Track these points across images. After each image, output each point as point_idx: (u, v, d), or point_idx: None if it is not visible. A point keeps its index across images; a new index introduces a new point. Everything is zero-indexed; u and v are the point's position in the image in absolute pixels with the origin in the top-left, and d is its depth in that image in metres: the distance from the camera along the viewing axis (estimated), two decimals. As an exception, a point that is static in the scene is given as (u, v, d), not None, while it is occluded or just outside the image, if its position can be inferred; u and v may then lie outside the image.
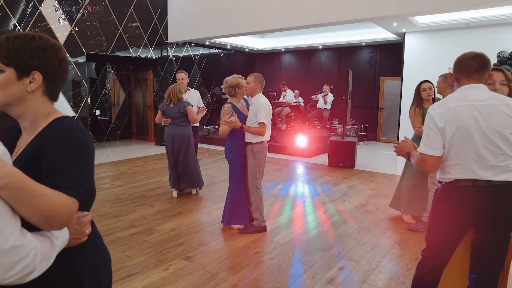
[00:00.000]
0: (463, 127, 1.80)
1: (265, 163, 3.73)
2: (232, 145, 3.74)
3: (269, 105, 3.63)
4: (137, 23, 9.14)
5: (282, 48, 12.27)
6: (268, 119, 3.55)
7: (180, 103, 4.67)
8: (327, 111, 9.92)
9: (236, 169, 3.77)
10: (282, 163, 7.52)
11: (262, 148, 3.63)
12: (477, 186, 1.81)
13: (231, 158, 3.77)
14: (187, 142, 4.79)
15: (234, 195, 3.78)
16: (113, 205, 4.59)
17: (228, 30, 8.69)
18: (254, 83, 3.63)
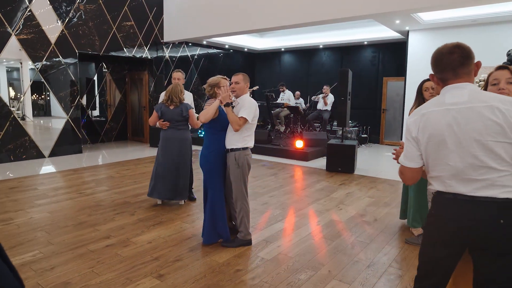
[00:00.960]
0: (435, 136, 1.57)
1: (249, 171, 3.40)
2: (211, 151, 3.40)
3: (257, 106, 3.31)
4: (131, 22, 8.87)
5: (282, 47, 11.94)
6: (251, 119, 3.23)
7: (182, 105, 4.32)
8: (327, 113, 9.57)
9: (215, 180, 3.42)
10: (278, 167, 7.18)
11: (246, 155, 3.30)
12: (459, 200, 1.55)
13: (209, 167, 3.42)
14: (187, 147, 4.44)
15: (214, 208, 3.43)
16: (92, 213, 4.29)
17: (225, 29, 8.38)
18: (243, 82, 3.33)
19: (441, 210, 1.61)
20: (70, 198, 4.84)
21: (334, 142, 6.93)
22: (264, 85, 12.23)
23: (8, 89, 7.43)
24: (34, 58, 7.20)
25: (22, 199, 4.75)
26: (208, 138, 3.44)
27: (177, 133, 4.39)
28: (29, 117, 7.61)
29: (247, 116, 3.16)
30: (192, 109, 4.42)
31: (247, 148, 3.30)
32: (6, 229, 3.75)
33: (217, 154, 3.38)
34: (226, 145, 3.33)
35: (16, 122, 7.07)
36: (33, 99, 7.73)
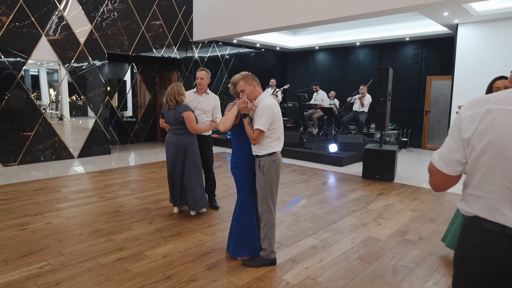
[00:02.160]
0: (499, 144, 1.14)
1: (279, 179, 2.99)
2: (238, 157, 3.04)
3: (274, 107, 2.85)
4: (160, 21, 8.73)
5: (316, 45, 11.40)
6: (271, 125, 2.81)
7: (177, 107, 3.89)
8: (364, 114, 8.93)
9: (243, 188, 3.06)
10: (310, 172, 6.69)
11: (273, 162, 2.89)
12: (507, 236, 1.12)
13: (236, 173, 3.07)
14: (182, 154, 4.01)
15: (241, 219, 3.07)
16: (110, 220, 4.06)
17: (256, 26, 8.02)
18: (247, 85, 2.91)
19: (479, 243, 1.19)
20: (90, 203, 4.66)
21: (371, 146, 6.34)
22: (296, 85, 11.75)
23: (49, 90, 7.51)
24: (63, 59, 7.21)
25: (43, 202, 4.63)
26: (234, 142, 3.09)
27: (173, 138, 4.03)
28: (67, 117, 7.66)
29: (262, 126, 2.76)
30: (188, 111, 3.88)
31: (273, 154, 2.89)
32: (20, 235, 3.59)
33: (245, 160, 3.02)
34: (252, 151, 2.96)
35: (46, 122, 7.10)
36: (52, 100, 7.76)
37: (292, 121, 11.48)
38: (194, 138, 4.09)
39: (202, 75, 4.22)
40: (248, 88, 2.91)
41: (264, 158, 2.87)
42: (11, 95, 6.60)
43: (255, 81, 2.91)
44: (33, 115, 6.92)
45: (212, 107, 4.28)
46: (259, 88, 2.93)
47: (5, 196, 4.89)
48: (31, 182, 5.59)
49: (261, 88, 2.99)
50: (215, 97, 4.36)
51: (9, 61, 6.54)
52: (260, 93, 2.92)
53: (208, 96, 4.29)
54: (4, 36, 6.42)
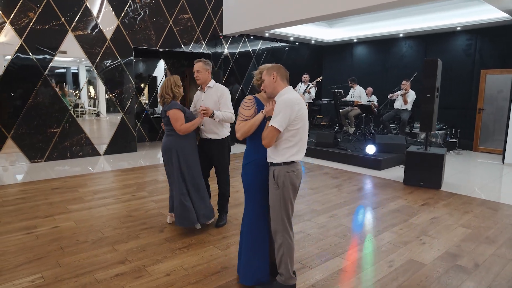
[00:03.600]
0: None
1: (296, 193, 2.48)
2: (249, 161, 2.57)
3: (296, 104, 2.31)
4: (189, 14, 8.43)
5: (354, 38, 10.61)
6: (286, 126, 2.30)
7: (169, 104, 3.37)
8: (406, 113, 8.11)
9: (252, 199, 2.58)
10: (344, 176, 6.07)
11: (289, 173, 2.38)
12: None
13: (246, 181, 2.60)
14: (171, 158, 3.45)
15: (250, 237, 2.60)
16: (119, 226, 3.75)
17: (290, 17, 7.47)
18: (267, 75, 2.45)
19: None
20: (104, 205, 4.40)
21: (415, 149, 5.61)
22: (332, 80, 11.04)
23: (87, 88, 7.49)
24: (90, 55, 7.10)
25: (57, 203, 4.44)
26: (247, 144, 2.63)
27: (164, 140, 3.54)
28: (103, 113, 7.61)
29: (277, 124, 2.26)
30: (174, 109, 3.30)
31: (292, 164, 2.39)
32: (23, 240, 3.37)
33: (258, 166, 2.53)
34: (267, 155, 2.47)
35: (73, 119, 7.04)
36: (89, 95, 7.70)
37: (326, 119, 10.81)
38: (188, 141, 3.45)
39: (198, 67, 3.54)
40: (267, 79, 2.43)
41: (280, 167, 2.37)
42: (38, 92, 6.58)
43: (277, 72, 2.41)
44: (60, 112, 6.87)
45: (216, 102, 3.52)
46: (282, 81, 2.43)
47: (23, 194, 4.77)
48: (52, 180, 5.48)
49: (287, 82, 2.46)
50: (219, 88, 3.58)
51: (36, 57, 6.51)
52: (281, 87, 2.42)
53: (211, 90, 3.58)
54: (31, 32, 6.38)
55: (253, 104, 2.52)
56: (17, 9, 6.21)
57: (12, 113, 6.37)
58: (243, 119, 2.50)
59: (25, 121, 6.49)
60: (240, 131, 2.46)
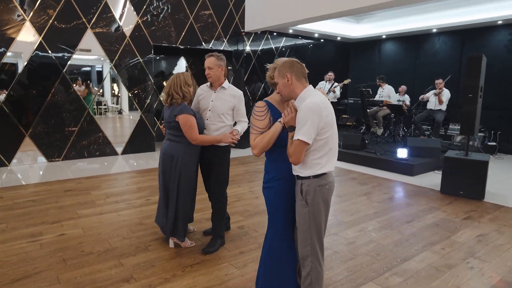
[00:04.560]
0: None
1: (329, 210, 2.09)
2: (272, 176, 2.20)
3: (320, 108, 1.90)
4: (210, 11, 8.13)
5: (383, 34, 10.02)
6: (319, 134, 1.91)
7: (175, 107, 2.92)
8: (441, 113, 7.50)
9: (276, 218, 2.21)
10: (373, 182, 5.60)
11: (321, 187, 1.99)
12: None
13: (268, 197, 2.23)
14: (172, 166, 3.01)
15: (271, 260, 2.23)
16: (128, 236, 3.47)
17: (315, 12, 7.02)
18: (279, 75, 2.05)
19: None
20: (115, 210, 4.14)
21: (454, 154, 5.06)
22: (359, 79, 10.49)
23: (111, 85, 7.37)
24: (109, 52, 6.92)
25: (67, 207, 4.22)
26: (267, 156, 2.25)
27: (164, 145, 3.10)
28: (126, 111, 7.47)
29: (305, 136, 1.87)
30: (185, 114, 2.84)
31: (323, 176, 2.00)
32: (26, 250, 3.14)
33: (281, 180, 2.16)
34: (293, 169, 2.09)
35: (91, 117, 6.89)
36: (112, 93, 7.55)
37: (352, 119, 10.27)
38: (191, 149, 3.02)
39: (210, 62, 3.01)
40: (280, 81, 2.03)
41: (308, 181, 1.99)
42: (56, 90, 6.45)
43: (291, 72, 1.99)
44: (78, 110, 6.73)
45: (230, 108, 3.04)
46: (299, 81, 2.01)
47: (35, 196, 4.60)
48: (66, 181, 5.30)
49: (306, 81, 2.04)
50: (236, 93, 3.05)
51: (55, 55, 6.38)
52: (300, 88, 2.01)
53: (225, 92, 3.05)
54: (50, 30, 6.25)
55: (266, 112, 2.12)
56: (37, 7, 6.08)
57: (30, 111, 6.27)
58: (258, 132, 2.09)
59: (43, 120, 6.37)
60: (257, 147, 2.05)
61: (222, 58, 3.07)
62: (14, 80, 6.05)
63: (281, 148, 2.10)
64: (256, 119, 2.13)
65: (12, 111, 6.09)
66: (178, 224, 3.08)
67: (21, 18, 5.98)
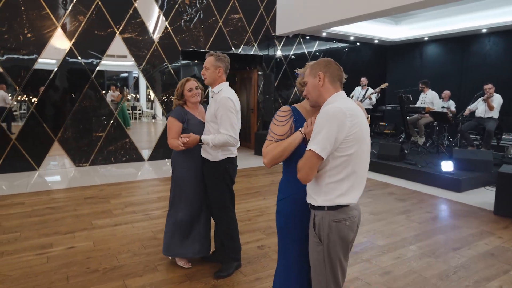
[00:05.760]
0: None
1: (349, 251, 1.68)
2: (284, 196, 1.83)
3: (350, 117, 1.52)
4: (240, 14, 7.91)
5: (425, 36, 9.31)
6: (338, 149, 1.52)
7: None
8: (492, 121, 6.73)
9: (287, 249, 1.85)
10: (413, 198, 5.03)
11: (338, 222, 1.59)
12: None
13: (279, 222, 1.86)
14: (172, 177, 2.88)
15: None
16: (138, 252, 3.21)
17: (350, 13, 6.59)
18: (311, 76, 1.70)
19: None
20: (131, 222, 3.93)
21: (510, 170, 4.40)
22: (398, 84, 9.82)
23: (147, 91, 7.37)
24: (137, 57, 6.87)
25: (84, 216, 4.08)
26: (283, 171, 1.89)
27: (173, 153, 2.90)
28: (159, 116, 7.44)
29: (317, 147, 1.49)
30: (169, 116, 2.76)
31: (340, 208, 1.60)
32: (32, 263, 2.97)
33: (296, 202, 1.79)
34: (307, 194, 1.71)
35: (118, 123, 6.84)
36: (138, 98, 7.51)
37: (390, 127, 9.61)
38: (186, 158, 2.77)
39: (206, 62, 2.63)
40: (310, 81, 1.68)
41: (322, 212, 1.60)
42: (85, 95, 6.46)
43: (325, 71, 1.64)
44: (106, 115, 6.71)
45: (213, 115, 2.57)
46: (332, 85, 1.64)
47: (54, 203, 4.51)
48: (87, 188, 5.21)
49: (340, 86, 1.67)
50: (218, 98, 2.57)
51: (84, 61, 6.40)
52: (330, 92, 1.64)
53: (215, 97, 2.64)
54: (80, 36, 6.28)
55: (288, 118, 1.76)
56: (68, 13, 6.14)
57: (60, 116, 6.31)
58: (274, 139, 1.74)
59: (72, 125, 6.40)
60: (267, 156, 1.71)
61: (221, 59, 2.64)
62: (44, 85, 6.12)
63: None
64: (274, 124, 1.77)
65: (42, 116, 6.15)
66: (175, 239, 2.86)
67: (53, 24, 6.05)
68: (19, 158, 6.02)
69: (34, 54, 5.95)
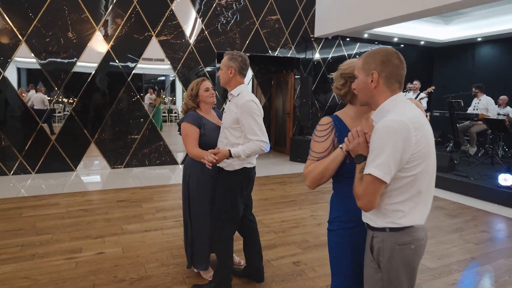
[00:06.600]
0: None
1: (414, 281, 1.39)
2: (336, 216, 1.59)
3: (416, 130, 1.24)
4: (277, 15, 7.70)
5: (478, 36, 8.60)
6: (403, 169, 1.26)
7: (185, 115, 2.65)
8: (558, 131, 6.01)
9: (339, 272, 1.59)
10: (466, 214, 4.53)
11: (402, 246, 1.32)
12: None
13: (330, 243, 1.61)
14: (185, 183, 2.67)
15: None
16: (166, 262, 3.06)
17: (395, 12, 6.18)
18: (363, 72, 1.41)
19: None
20: (161, 228, 3.81)
21: None
22: (446, 88, 9.16)
23: (183, 94, 7.39)
24: (172, 60, 6.84)
25: (115, 220, 4.01)
26: (334, 188, 1.64)
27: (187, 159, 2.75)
28: None
29: (379, 171, 1.23)
30: (184, 122, 2.54)
31: (405, 230, 1.32)
32: (60, 268, 2.90)
33: (349, 224, 1.54)
34: (362, 213, 1.44)
35: (153, 126, 6.84)
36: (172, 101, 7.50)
37: (438, 134, 8.95)
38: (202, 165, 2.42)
39: (222, 62, 2.44)
40: (361, 77, 1.39)
41: (383, 234, 1.34)
42: (121, 98, 6.52)
43: (382, 68, 1.33)
44: (141, 118, 6.73)
45: (233, 121, 2.34)
46: (388, 86, 1.34)
47: (87, 205, 4.51)
48: (120, 191, 5.19)
49: (399, 87, 1.37)
50: (240, 101, 2.31)
51: (121, 64, 6.46)
52: (386, 95, 1.35)
53: (233, 100, 2.39)
54: (117, 39, 6.35)
55: (329, 132, 1.51)
56: (107, 16, 6.22)
57: (97, 119, 6.40)
58: (315, 158, 1.50)
59: (108, 127, 6.47)
60: (308, 177, 1.48)
61: (234, 58, 2.37)
62: (82, 88, 6.23)
63: (352, 180, 1.47)
64: (313, 141, 1.54)
65: (80, 118, 6.26)
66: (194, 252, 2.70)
67: (92, 27, 6.15)
68: (58, 158, 6.15)
69: (74, 57, 6.08)
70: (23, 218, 4.01)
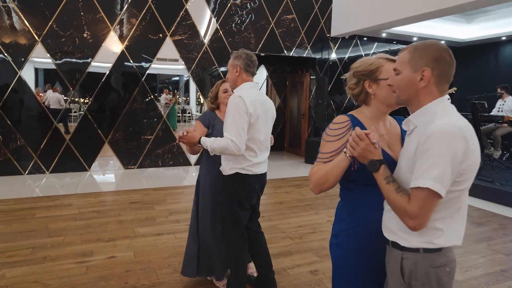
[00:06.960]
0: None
1: None
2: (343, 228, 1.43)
3: (472, 139, 1.09)
4: (293, 15, 7.55)
5: (503, 35, 8.27)
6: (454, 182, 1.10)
7: None
8: None
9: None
10: (493, 222, 4.29)
11: (436, 269, 1.16)
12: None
13: (335, 261, 1.47)
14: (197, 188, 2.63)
15: None
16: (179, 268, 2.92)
17: (415, 10, 5.96)
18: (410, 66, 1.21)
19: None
20: (173, 232, 3.72)
21: None
22: (468, 89, 8.84)
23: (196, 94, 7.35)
24: (187, 60, 6.77)
25: (127, 222, 3.94)
26: (341, 195, 1.49)
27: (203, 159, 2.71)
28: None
29: (438, 184, 1.05)
30: (197, 120, 2.60)
31: (440, 251, 1.17)
32: (71, 273, 2.83)
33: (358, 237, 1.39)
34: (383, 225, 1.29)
35: (166, 126, 6.78)
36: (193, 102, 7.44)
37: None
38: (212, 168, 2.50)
39: (228, 64, 2.37)
40: (407, 73, 1.20)
41: (416, 256, 1.18)
42: (135, 98, 6.48)
43: (433, 69, 1.15)
44: (155, 119, 6.68)
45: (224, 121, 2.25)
46: (438, 88, 1.18)
47: (100, 206, 4.45)
48: (133, 192, 5.13)
49: (446, 87, 1.20)
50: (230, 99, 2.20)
51: (136, 64, 6.42)
52: (431, 97, 1.18)
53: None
54: (131, 39, 6.32)
55: (345, 131, 1.36)
56: (121, 16, 6.20)
57: (111, 119, 6.38)
58: (322, 159, 1.36)
59: (121, 127, 6.44)
60: (311, 180, 1.36)
61: (239, 56, 2.25)
62: (97, 88, 6.21)
63: (366, 188, 1.33)
64: (323, 141, 1.39)
65: (94, 118, 6.25)
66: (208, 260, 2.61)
67: (106, 27, 6.12)
68: (72, 158, 6.15)
69: (88, 57, 6.06)
70: (36, 219, 3.98)
